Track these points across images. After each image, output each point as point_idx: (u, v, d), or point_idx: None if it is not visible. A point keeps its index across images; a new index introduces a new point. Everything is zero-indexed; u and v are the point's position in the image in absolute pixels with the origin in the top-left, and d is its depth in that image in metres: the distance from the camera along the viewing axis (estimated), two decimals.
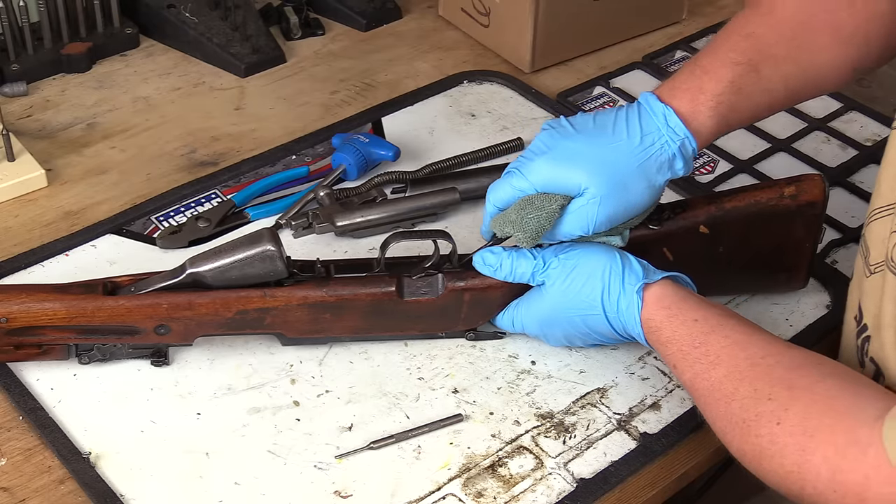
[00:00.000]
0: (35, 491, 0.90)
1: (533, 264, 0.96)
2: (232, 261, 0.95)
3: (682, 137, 0.93)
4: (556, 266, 0.96)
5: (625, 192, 0.93)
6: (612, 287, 0.93)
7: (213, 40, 1.38)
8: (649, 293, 0.92)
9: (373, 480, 0.91)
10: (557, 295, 0.96)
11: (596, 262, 0.94)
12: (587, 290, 0.94)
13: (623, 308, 0.93)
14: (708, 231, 1.00)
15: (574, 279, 0.95)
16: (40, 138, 1.26)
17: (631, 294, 0.93)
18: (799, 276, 1.06)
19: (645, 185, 0.94)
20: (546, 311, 0.97)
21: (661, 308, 0.92)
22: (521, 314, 0.99)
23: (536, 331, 1.00)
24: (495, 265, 0.97)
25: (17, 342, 0.95)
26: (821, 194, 1.00)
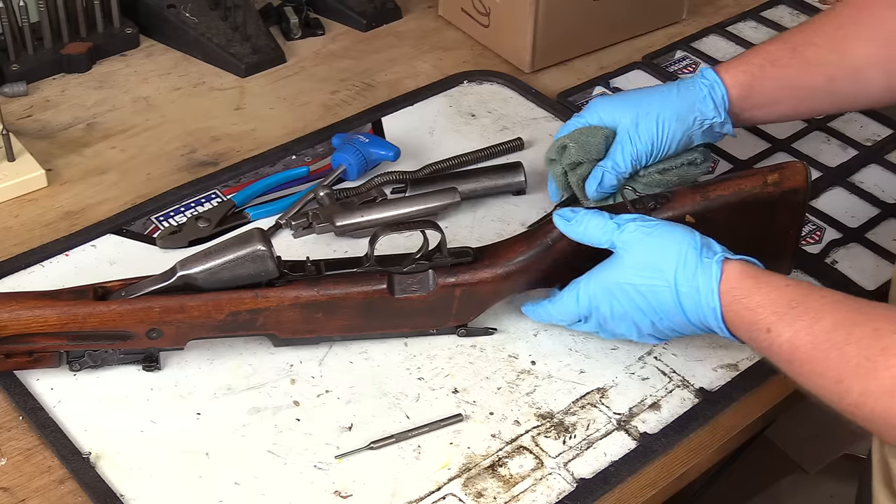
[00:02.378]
0: (35, 491, 0.90)
1: (608, 224, 0.95)
2: (222, 262, 0.95)
3: (711, 82, 1.07)
4: (633, 230, 0.94)
5: (658, 125, 1.06)
6: (689, 259, 0.91)
7: (213, 40, 1.38)
8: (729, 267, 0.91)
9: (373, 480, 0.91)
10: (629, 260, 0.94)
11: (674, 234, 0.93)
12: (662, 258, 0.92)
13: (700, 281, 0.91)
14: (694, 220, 1.00)
15: (649, 246, 0.93)
16: (40, 138, 1.26)
17: (709, 266, 0.91)
18: (784, 263, 1.07)
19: (676, 121, 1.07)
20: (614, 278, 0.94)
21: (746, 277, 0.90)
22: (588, 283, 0.96)
23: (600, 303, 0.96)
24: (572, 219, 0.97)
25: (7, 350, 0.95)
26: (804, 181, 1.01)
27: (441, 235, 0.99)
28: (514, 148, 1.26)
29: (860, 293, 1.10)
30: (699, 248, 0.92)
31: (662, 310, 0.93)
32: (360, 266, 0.99)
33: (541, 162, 1.24)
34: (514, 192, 1.20)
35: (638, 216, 0.96)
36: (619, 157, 1.07)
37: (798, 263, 1.10)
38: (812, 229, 1.18)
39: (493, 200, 1.19)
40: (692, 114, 1.07)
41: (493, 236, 1.13)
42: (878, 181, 1.25)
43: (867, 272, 1.13)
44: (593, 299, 0.96)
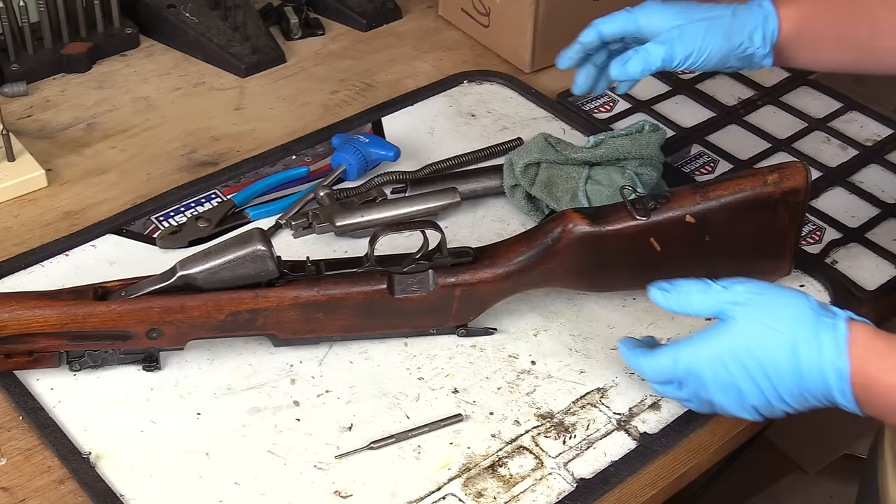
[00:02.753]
0: (35, 491, 0.90)
1: (713, 288, 0.89)
2: (222, 262, 0.95)
3: (766, 13, 1.05)
4: (743, 292, 0.87)
5: (704, 36, 1.04)
6: (807, 317, 0.84)
7: (213, 40, 1.38)
8: (856, 326, 0.83)
9: (373, 480, 0.91)
10: (743, 324, 0.86)
11: (789, 293, 0.87)
12: (778, 316, 0.85)
13: (823, 339, 0.82)
14: (694, 220, 1.00)
15: (764, 306, 0.86)
16: (40, 138, 1.26)
17: (834, 324, 0.83)
18: (784, 263, 1.07)
19: (722, 38, 1.05)
20: (725, 344, 0.86)
21: (878, 337, 0.81)
22: (691, 349, 0.88)
23: (703, 371, 0.88)
24: (671, 290, 0.91)
25: (7, 350, 0.95)
26: (804, 181, 1.01)
27: (441, 235, 0.99)
28: (514, 148, 1.25)
29: (860, 293, 1.10)
30: (817, 308, 0.85)
31: (775, 373, 0.84)
32: (360, 266, 0.99)
33: None
34: None
35: (744, 280, 0.90)
36: (654, 47, 1.04)
37: (798, 263, 1.10)
38: (812, 229, 1.18)
39: (493, 200, 1.19)
40: (740, 38, 1.05)
41: (493, 236, 1.13)
42: (878, 181, 1.25)
43: (867, 272, 1.13)
44: (694, 366, 0.88)
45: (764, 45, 1.06)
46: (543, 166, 1.13)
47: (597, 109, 1.34)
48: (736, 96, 1.37)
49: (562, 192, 1.11)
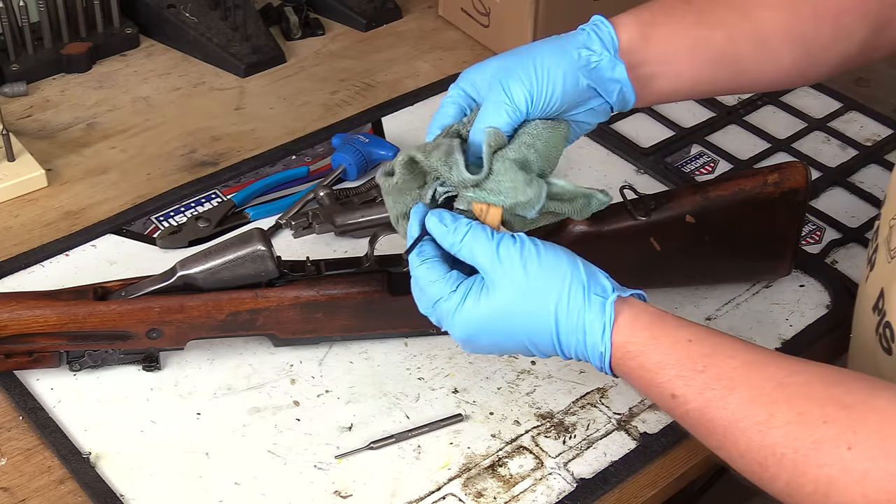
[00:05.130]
0: (35, 491, 0.90)
1: (492, 245, 0.82)
2: (222, 262, 0.95)
3: (595, 22, 0.91)
4: (514, 253, 0.81)
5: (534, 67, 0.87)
6: (573, 297, 0.80)
7: (213, 40, 1.38)
8: (621, 311, 0.80)
9: (373, 480, 0.91)
10: (502, 298, 0.81)
11: (554, 264, 0.81)
12: (540, 297, 0.81)
13: (587, 324, 0.80)
14: (694, 220, 1.00)
15: (531, 278, 0.81)
16: (40, 138, 1.26)
17: (598, 308, 0.80)
18: (784, 263, 1.07)
19: (554, 55, 0.88)
20: (481, 314, 0.82)
21: (641, 328, 0.79)
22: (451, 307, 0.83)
23: (462, 334, 0.85)
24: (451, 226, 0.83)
25: (7, 350, 0.95)
26: (804, 182, 1.01)
27: None
28: None
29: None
30: (584, 283, 0.81)
31: (538, 340, 0.82)
32: (360, 266, 0.99)
33: None
34: None
35: (515, 236, 0.82)
36: (492, 114, 0.85)
37: (798, 263, 1.10)
38: (812, 229, 1.18)
39: None
40: (575, 47, 0.89)
41: None
42: (878, 181, 1.25)
43: None
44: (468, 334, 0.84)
45: (605, 48, 0.89)
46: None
47: None
48: (736, 96, 1.37)
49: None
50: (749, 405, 0.74)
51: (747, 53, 0.94)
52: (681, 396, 0.77)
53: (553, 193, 0.86)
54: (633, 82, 0.91)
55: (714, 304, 1.08)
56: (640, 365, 0.79)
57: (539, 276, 0.81)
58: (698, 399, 0.76)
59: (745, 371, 0.76)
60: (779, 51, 0.94)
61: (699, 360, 0.77)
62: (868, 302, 0.91)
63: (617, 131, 1.30)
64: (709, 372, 0.76)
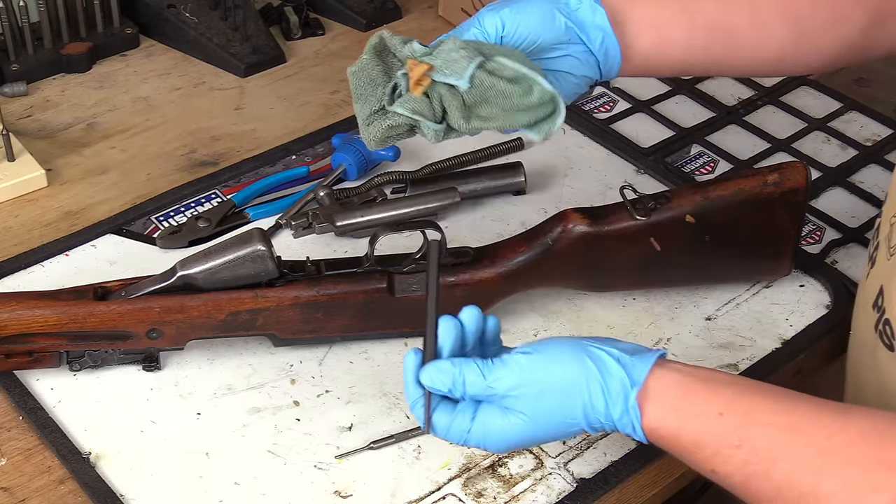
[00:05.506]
0: (35, 491, 0.90)
1: (487, 377, 0.79)
2: (222, 262, 0.95)
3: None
4: (516, 385, 0.79)
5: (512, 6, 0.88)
6: (596, 401, 0.78)
7: (213, 40, 1.38)
8: (646, 396, 0.78)
9: (373, 480, 0.91)
10: (527, 422, 0.80)
11: (565, 375, 0.79)
12: (565, 409, 0.79)
13: (616, 418, 0.79)
14: (694, 220, 1.00)
15: (544, 401, 0.79)
16: (40, 138, 1.26)
17: (622, 405, 0.78)
18: (784, 263, 1.07)
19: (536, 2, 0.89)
20: (517, 438, 0.81)
21: (669, 410, 0.77)
22: (486, 439, 0.81)
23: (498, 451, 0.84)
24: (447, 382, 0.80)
25: (7, 350, 0.95)
26: (804, 181, 1.01)
27: (441, 235, 0.99)
28: (514, 148, 1.26)
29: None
30: (601, 383, 0.78)
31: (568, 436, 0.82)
32: (360, 266, 0.99)
33: (541, 162, 1.24)
34: (514, 192, 1.20)
35: (510, 359, 0.80)
36: (458, 32, 0.87)
37: (798, 263, 1.10)
38: (812, 229, 1.18)
39: (493, 200, 1.19)
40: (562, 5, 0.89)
41: (493, 236, 1.13)
42: (878, 181, 1.25)
43: None
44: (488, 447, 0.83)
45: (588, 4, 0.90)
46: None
47: (597, 109, 1.34)
48: (736, 96, 1.37)
49: None
50: (793, 477, 0.72)
51: (739, 22, 0.93)
52: (721, 473, 0.76)
53: (491, 68, 0.84)
54: (617, 38, 0.90)
55: (714, 304, 1.08)
56: (676, 444, 0.78)
57: (553, 394, 0.79)
58: (739, 475, 0.74)
59: (783, 440, 0.73)
60: (772, 25, 0.93)
61: (734, 434, 0.74)
62: (868, 299, 0.91)
63: (617, 131, 1.30)
64: (746, 447, 0.74)
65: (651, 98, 1.36)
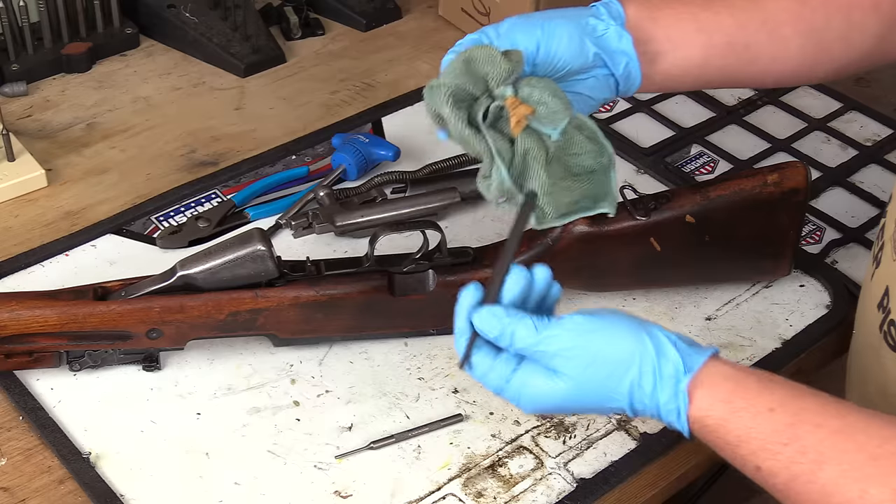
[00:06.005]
0: (35, 491, 0.90)
1: (539, 334, 0.78)
2: (222, 262, 0.95)
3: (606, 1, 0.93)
4: (570, 347, 0.78)
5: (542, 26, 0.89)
6: (645, 381, 0.78)
7: (213, 40, 1.38)
8: (697, 384, 0.77)
9: (373, 480, 0.91)
10: (570, 386, 0.79)
11: (620, 348, 0.78)
12: (612, 382, 0.78)
13: (662, 402, 0.77)
14: (694, 220, 1.01)
15: (594, 370, 0.78)
16: (40, 138, 1.26)
17: (672, 389, 0.77)
18: (783, 263, 1.07)
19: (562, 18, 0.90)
20: (554, 400, 0.80)
21: (718, 401, 0.76)
22: (522, 395, 0.80)
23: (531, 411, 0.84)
24: (496, 329, 0.79)
25: (7, 350, 0.95)
26: (804, 182, 1.01)
27: (441, 235, 0.99)
28: None
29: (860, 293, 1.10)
30: (655, 363, 0.77)
31: (609, 411, 0.81)
32: (360, 266, 0.99)
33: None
34: None
35: (568, 319, 0.79)
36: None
37: (798, 263, 1.10)
38: (812, 229, 1.18)
39: None
40: (583, 16, 0.91)
41: (493, 236, 1.13)
42: (878, 181, 1.25)
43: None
44: (526, 408, 0.82)
45: (612, 19, 0.91)
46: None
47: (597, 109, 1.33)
48: (736, 96, 1.37)
49: None
50: (840, 481, 0.71)
51: (757, 40, 0.94)
52: (766, 470, 0.75)
53: (578, 120, 0.87)
54: (639, 58, 0.91)
55: (714, 304, 1.08)
56: (721, 437, 0.76)
57: (604, 364, 0.78)
58: (784, 473, 0.73)
59: (833, 442, 0.72)
60: (789, 40, 0.94)
61: (784, 432, 0.74)
62: (873, 299, 0.91)
63: (617, 131, 1.30)
64: (794, 445, 0.73)
65: (651, 98, 1.36)
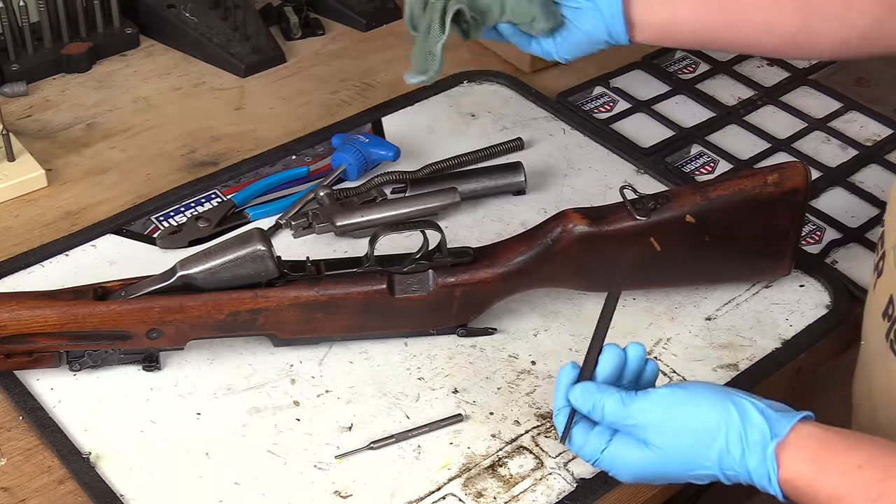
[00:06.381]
0: (35, 491, 0.90)
1: (627, 408, 0.82)
2: (222, 262, 0.95)
3: None
4: (657, 420, 0.81)
5: None
6: (733, 448, 0.79)
7: (213, 40, 1.38)
8: (784, 446, 0.78)
9: (373, 480, 0.91)
10: (660, 456, 0.81)
11: (706, 419, 0.80)
12: (700, 450, 0.80)
13: (752, 468, 0.78)
14: (694, 220, 1.01)
15: (681, 440, 0.80)
16: (40, 138, 1.26)
17: (760, 455, 0.78)
18: (784, 263, 1.07)
19: None
20: (646, 470, 0.83)
21: (805, 461, 0.77)
22: (615, 465, 0.84)
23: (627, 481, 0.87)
24: (588, 404, 0.83)
25: (7, 350, 0.95)
26: (804, 181, 1.01)
27: (441, 235, 0.99)
28: (514, 148, 1.26)
29: (860, 293, 1.10)
30: (742, 431, 0.79)
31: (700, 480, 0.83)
32: (360, 266, 0.99)
33: (541, 162, 1.24)
34: (514, 192, 1.20)
35: (651, 392, 0.82)
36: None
37: (798, 263, 1.10)
38: (812, 229, 1.18)
39: (493, 200, 1.19)
40: None
41: (493, 236, 1.13)
42: (878, 181, 1.25)
43: (867, 272, 1.12)
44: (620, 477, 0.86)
45: None
46: None
47: (597, 109, 1.34)
48: (736, 96, 1.37)
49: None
50: None
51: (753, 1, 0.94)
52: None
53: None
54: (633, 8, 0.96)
55: (714, 304, 1.08)
56: (812, 497, 0.77)
57: (690, 433, 0.80)
58: None
59: None
60: (784, 6, 0.94)
61: (872, 488, 0.74)
62: (878, 309, 0.91)
63: (617, 131, 1.30)
64: (882, 500, 0.74)
65: (651, 98, 1.36)
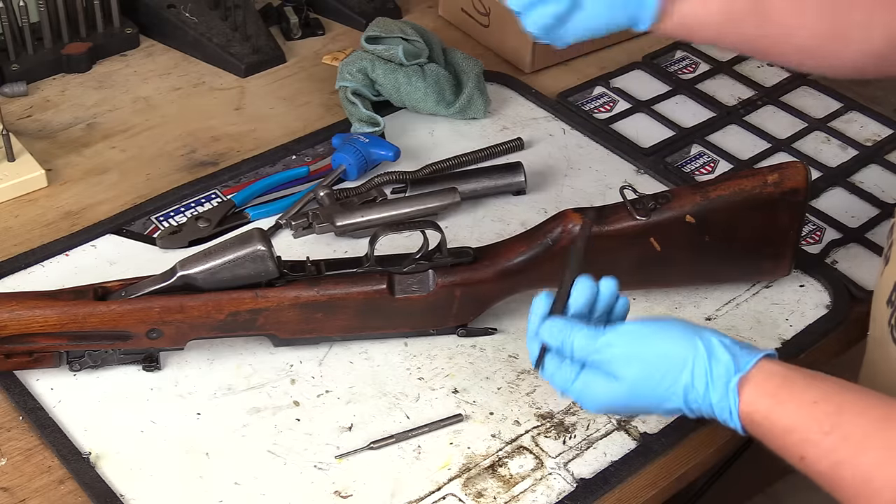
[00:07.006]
0: (35, 491, 0.90)
1: (595, 343, 0.84)
2: (222, 262, 0.95)
3: None
4: (625, 353, 0.83)
5: None
6: (697, 382, 0.82)
7: (213, 40, 1.38)
8: (746, 381, 0.81)
9: (373, 480, 0.91)
10: (627, 388, 0.83)
11: (673, 353, 0.83)
12: (666, 383, 0.83)
13: (714, 401, 0.81)
14: (694, 220, 1.01)
15: (648, 373, 0.83)
16: (40, 138, 1.26)
17: (723, 389, 0.81)
18: (784, 263, 1.07)
19: None
20: (612, 402, 0.85)
21: (764, 395, 0.80)
22: (583, 397, 0.86)
23: (593, 411, 0.91)
24: (557, 340, 0.85)
25: (7, 350, 0.95)
26: (804, 181, 1.01)
27: (441, 235, 0.99)
28: (514, 148, 1.26)
29: (860, 293, 1.10)
30: (707, 366, 0.81)
31: (663, 411, 0.86)
32: (360, 266, 0.99)
33: (541, 162, 1.24)
34: (514, 192, 1.20)
35: (621, 325, 0.85)
36: None
37: (798, 263, 1.10)
38: (812, 229, 1.18)
39: (493, 200, 1.19)
40: None
41: (493, 236, 1.13)
42: (878, 181, 1.25)
43: (867, 272, 1.13)
44: (587, 407, 0.88)
45: None
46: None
47: (597, 109, 1.34)
48: (736, 96, 1.37)
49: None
50: (882, 464, 0.74)
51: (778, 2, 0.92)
52: (810, 458, 0.78)
53: None
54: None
55: (714, 304, 1.08)
56: (767, 430, 0.80)
57: (657, 367, 0.83)
58: (826, 461, 0.77)
59: (875, 429, 0.76)
60: (808, 11, 0.93)
61: (825, 421, 0.77)
62: (883, 296, 0.92)
63: (617, 131, 1.30)
64: (836, 433, 0.76)
65: (651, 98, 1.36)
